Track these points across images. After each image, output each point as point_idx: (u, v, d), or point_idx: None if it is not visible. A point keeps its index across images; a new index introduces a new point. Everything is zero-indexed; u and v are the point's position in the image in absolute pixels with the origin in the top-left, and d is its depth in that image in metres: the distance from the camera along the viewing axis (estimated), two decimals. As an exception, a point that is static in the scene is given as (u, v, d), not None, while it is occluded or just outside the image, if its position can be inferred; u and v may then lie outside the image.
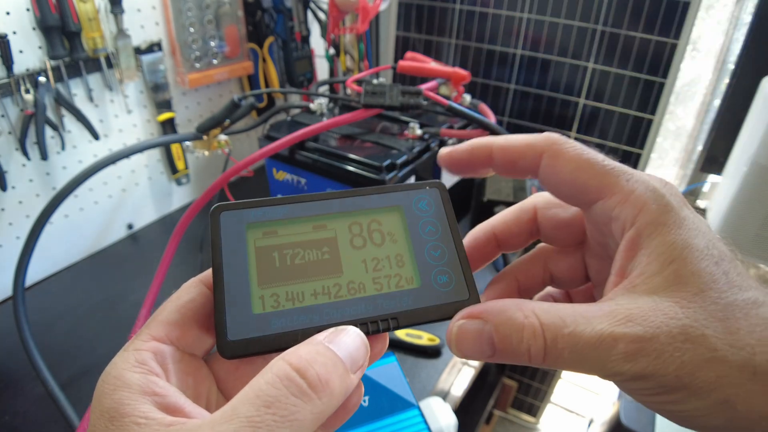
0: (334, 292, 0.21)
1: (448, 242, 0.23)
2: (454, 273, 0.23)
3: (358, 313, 0.21)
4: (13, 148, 0.64)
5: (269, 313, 0.21)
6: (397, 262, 0.23)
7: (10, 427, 0.52)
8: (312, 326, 0.20)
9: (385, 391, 0.42)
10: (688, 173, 1.03)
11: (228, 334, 0.20)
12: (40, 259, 0.71)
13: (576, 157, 0.21)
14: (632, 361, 0.18)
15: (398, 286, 0.22)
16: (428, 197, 0.24)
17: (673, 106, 1.00)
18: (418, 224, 0.23)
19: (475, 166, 0.24)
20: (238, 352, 0.20)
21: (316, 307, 0.21)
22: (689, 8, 0.78)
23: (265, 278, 0.21)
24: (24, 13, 0.61)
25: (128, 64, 0.72)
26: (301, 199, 0.23)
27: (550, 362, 0.19)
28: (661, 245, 0.19)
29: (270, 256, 0.22)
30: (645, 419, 0.84)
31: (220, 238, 0.21)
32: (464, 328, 0.20)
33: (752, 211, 0.67)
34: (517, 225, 0.26)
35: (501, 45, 0.96)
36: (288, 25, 0.88)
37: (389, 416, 0.40)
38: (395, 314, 0.21)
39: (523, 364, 0.19)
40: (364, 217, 0.23)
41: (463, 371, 0.77)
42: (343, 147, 0.71)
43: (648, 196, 0.20)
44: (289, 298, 0.21)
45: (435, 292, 0.22)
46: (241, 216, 0.22)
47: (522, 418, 1.47)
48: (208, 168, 0.92)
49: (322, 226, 0.23)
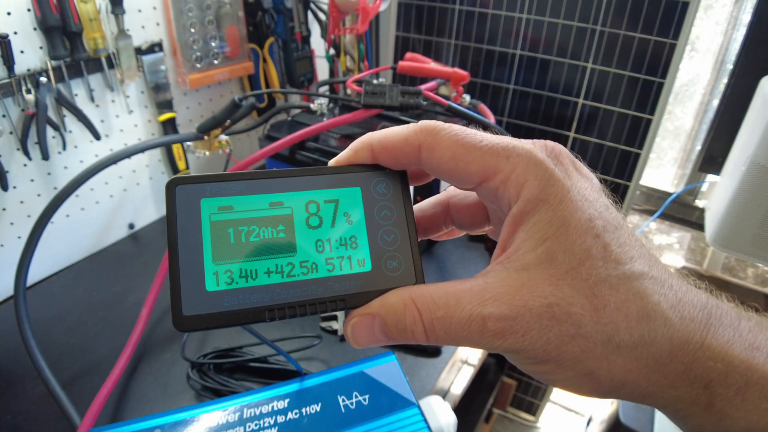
0: (287, 271, 0.22)
1: (402, 228, 0.23)
2: (404, 258, 0.23)
3: (307, 294, 0.22)
4: (15, 148, 0.64)
5: (222, 291, 0.21)
6: (351, 243, 0.23)
7: (12, 426, 0.52)
8: (262, 305, 0.21)
9: (385, 389, 0.42)
10: (686, 173, 1.03)
11: (183, 309, 0.20)
12: (42, 259, 0.72)
13: (452, 144, 0.21)
14: (502, 338, 0.19)
15: (350, 269, 0.22)
16: (387, 180, 0.24)
17: (672, 106, 1.00)
18: (375, 207, 0.23)
19: None
20: (192, 327, 0.20)
21: (268, 287, 0.21)
22: (688, 8, 0.79)
23: (220, 254, 0.21)
24: (25, 13, 0.61)
25: (129, 65, 0.72)
26: (259, 175, 0.23)
27: (432, 341, 0.21)
28: (538, 223, 0.20)
29: (225, 232, 0.22)
30: (644, 418, 0.85)
31: (175, 213, 0.21)
32: (357, 325, 0.22)
33: (751, 211, 0.68)
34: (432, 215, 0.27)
35: (500, 45, 0.97)
36: (288, 25, 0.89)
37: (389, 415, 0.40)
38: (343, 296, 0.22)
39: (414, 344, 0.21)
40: (321, 195, 0.23)
41: (462, 370, 0.77)
42: (343, 147, 0.70)
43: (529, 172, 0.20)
44: (243, 275, 0.21)
45: (384, 277, 0.23)
46: (196, 190, 0.22)
47: (521, 416, 1.47)
48: (208, 168, 0.92)
49: (279, 203, 0.22)
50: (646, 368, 0.19)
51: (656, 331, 0.19)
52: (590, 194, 0.20)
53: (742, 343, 0.19)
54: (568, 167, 0.21)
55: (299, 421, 0.40)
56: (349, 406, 0.40)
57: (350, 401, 0.41)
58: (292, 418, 0.40)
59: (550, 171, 0.20)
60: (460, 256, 0.78)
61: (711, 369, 0.18)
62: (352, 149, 0.24)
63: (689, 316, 0.19)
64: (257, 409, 0.41)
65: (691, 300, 0.20)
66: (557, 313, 0.19)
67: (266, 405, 0.41)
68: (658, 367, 0.19)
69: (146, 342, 0.62)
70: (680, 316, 0.19)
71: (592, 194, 0.21)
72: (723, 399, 0.18)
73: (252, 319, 0.21)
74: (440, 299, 0.20)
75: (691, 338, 0.19)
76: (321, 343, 0.61)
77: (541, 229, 0.20)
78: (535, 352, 0.19)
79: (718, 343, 0.19)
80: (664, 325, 0.19)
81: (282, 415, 0.40)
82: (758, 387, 0.18)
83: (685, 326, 0.19)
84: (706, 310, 0.19)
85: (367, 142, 0.23)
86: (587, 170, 0.22)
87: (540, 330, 0.19)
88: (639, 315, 0.19)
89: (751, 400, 0.18)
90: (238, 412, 0.40)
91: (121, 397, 0.55)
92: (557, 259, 0.19)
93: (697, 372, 0.19)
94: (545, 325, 0.19)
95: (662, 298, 0.19)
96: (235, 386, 0.54)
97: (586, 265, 0.19)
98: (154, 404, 0.54)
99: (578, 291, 0.19)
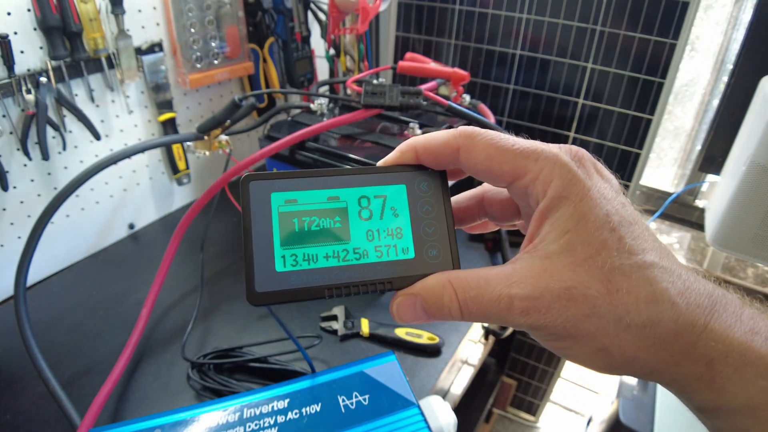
0: (342, 256, 0.25)
1: (441, 221, 0.27)
2: (443, 247, 0.26)
3: (359, 276, 0.25)
4: (15, 148, 0.64)
5: (289, 271, 0.24)
6: (396, 234, 0.26)
7: (12, 426, 0.52)
8: (322, 284, 0.24)
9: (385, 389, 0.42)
10: (686, 173, 1.03)
11: (255, 286, 0.23)
12: (42, 259, 0.72)
13: (487, 147, 0.24)
14: (527, 315, 0.22)
15: (396, 255, 0.26)
16: (429, 179, 0.27)
17: (672, 106, 1.00)
18: (418, 203, 0.26)
19: None
20: (263, 301, 0.24)
21: (327, 269, 0.25)
22: (688, 8, 0.79)
23: (287, 240, 0.24)
24: (25, 13, 0.61)
25: (129, 65, 0.72)
26: (319, 173, 0.26)
27: (466, 318, 0.23)
28: (561, 217, 0.22)
29: (291, 222, 0.25)
30: (644, 418, 0.85)
31: (249, 204, 0.24)
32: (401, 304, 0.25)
33: (751, 211, 0.68)
34: (467, 206, 0.30)
35: (500, 45, 0.97)
36: (288, 25, 0.89)
37: (389, 415, 0.40)
38: (390, 279, 0.25)
39: (449, 320, 0.24)
40: (372, 191, 0.26)
41: (462, 370, 0.77)
42: (343, 147, 0.71)
43: (555, 173, 0.23)
44: (306, 259, 0.24)
45: (425, 263, 0.26)
46: (267, 185, 0.25)
47: (521, 416, 1.47)
48: (209, 168, 0.92)
49: (336, 197, 0.26)
50: (654, 346, 0.21)
51: (663, 313, 0.21)
52: (609, 193, 0.23)
53: (743, 327, 0.21)
54: (590, 169, 0.24)
55: (299, 421, 0.40)
56: (349, 406, 0.40)
57: (350, 401, 0.41)
58: (292, 418, 0.40)
59: (573, 172, 0.23)
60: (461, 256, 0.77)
61: (712, 349, 0.21)
62: (398, 150, 0.27)
63: (695, 303, 0.21)
64: (257, 409, 0.41)
65: (697, 288, 0.22)
66: (575, 294, 0.21)
67: (266, 405, 0.41)
68: (665, 345, 0.21)
69: (146, 342, 0.62)
70: (686, 302, 0.21)
71: (610, 193, 0.23)
72: (723, 376, 0.21)
73: (314, 295, 0.24)
74: (473, 281, 0.23)
75: (696, 321, 0.21)
76: (321, 343, 0.61)
77: (564, 222, 0.22)
78: (555, 328, 0.22)
79: (720, 326, 0.21)
80: (670, 308, 0.21)
81: (282, 415, 0.40)
82: (754, 366, 0.20)
83: (691, 311, 0.21)
84: (711, 298, 0.21)
85: (412, 144, 0.26)
86: (607, 172, 0.25)
87: (559, 309, 0.21)
88: (648, 299, 0.21)
89: (748, 378, 0.20)
90: (238, 412, 0.40)
91: (121, 397, 0.55)
92: (576, 249, 0.22)
93: (700, 351, 0.21)
94: (564, 305, 0.21)
95: (670, 285, 0.21)
96: (235, 386, 0.54)
97: (602, 254, 0.21)
98: (154, 404, 0.54)
99: (594, 276, 0.21)
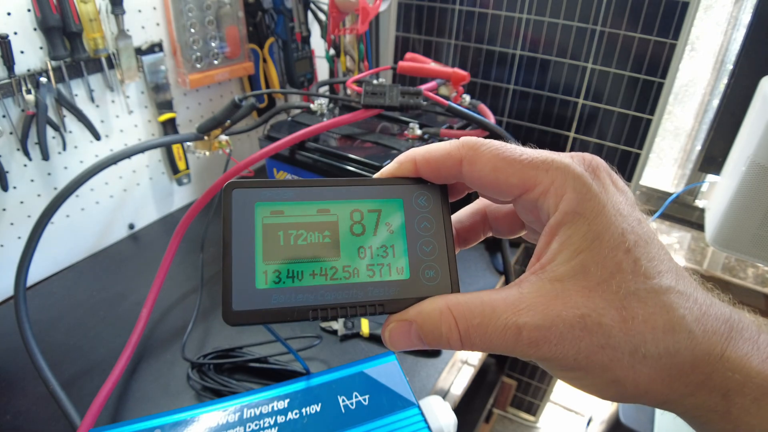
0: (330, 274, 0.23)
1: (440, 239, 0.24)
2: (441, 268, 0.24)
3: (348, 298, 0.23)
4: (15, 149, 0.64)
5: (270, 289, 0.22)
6: (391, 252, 0.24)
7: (12, 426, 0.52)
8: (307, 305, 0.22)
9: (385, 389, 0.42)
10: (686, 173, 1.03)
11: (233, 303, 0.21)
12: (42, 259, 0.72)
13: (492, 158, 0.22)
14: (536, 347, 0.20)
15: (389, 275, 0.24)
16: (428, 194, 0.25)
17: (672, 106, 1.00)
18: (415, 219, 0.24)
19: None
20: (240, 321, 0.21)
21: (312, 287, 0.23)
22: (688, 8, 0.79)
23: (270, 254, 0.22)
24: (25, 13, 0.61)
25: (129, 65, 0.72)
26: (309, 183, 0.24)
27: (467, 348, 0.21)
28: (574, 236, 0.20)
29: (275, 234, 0.23)
30: (644, 418, 0.85)
31: (231, 214, 0.22)
32: (394, 330, 0.23)
33: (751, 211, 0.68)
34: (471, 224, 0.28)
35: (500, 45, 0.97)
36: (288, 25, 0.89)
37: (389, 415, 0.40)
38: (382, 301, 0.23)
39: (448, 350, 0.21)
40: (365, 205, 0.24)
41: (462, 370, 0.77)
42: (343, 147, 0.71)
43: (568, 185, 0.21)
44: (290, 276, 0.22)
45: (421, 285, 0.24)
46: (251, 194, 0.23)
47: (521, 416, 1.47)
48: (209, 168, 0.92)
49: (326, 210, 0.24)
50: (669, 377, 0.20)
51: (680, 343, 0.19)
52: (625, 209, 0.21)
53: (760, 355, 0.20)
54: (605, 181, 0.22)
55: (299, 421, 0.40)
56: (349, 406, 0.40)
57: (350, 401, 0.41)
58: (292, 418, 0.40)
59: (588, 185, 0.21)
60: (460, 257, 0.77)
61: (729, 379, 0.19)
62: (397, 162, 0.25)
63: (712, 329, 0.20)
64: (257, 409, 0.41)
65: (714, 313, 0.20)
66: (588, 323, 0.20)
67: (266, 405, 0.41)
68: (681, 376, 0.20)
69: (146, 342, 0.62)
70: (703, 329, 0.20)
71: (626, 209, 0.21)
72: (740, 407, 0.19)
73: (297, 317, 0.22)
74: (476, 308, 0.21)
75: (713, 350, 0.20)
76: (321, 343, 0.61)
77: (576, 241, 0.20)
78: (566, 360, 0.20)
79: (737, 355, 0.20)
80: (687, 338, 0.20)
81: (282, 416, 0.40)
82: None
83: (708, 339, 0.20)
84: (728, 324, 0.20)
85: (411, 155, 0.24)
86: (623, 184, 0.23)
87: (572, 340, 0.20)
88: (665, 328, 0.20)
89: (766, 409, 0.19)
90: (238, 412, 0.40)
91: (121, 397, 0.55)
92: (590, 272, 0.20)
93: (716, 381, 0.20)
94: (577, 336, 0.20)
95: (687, 311, 0.20)
96: (235, 386, 0.54)
97: (617, 278, 0.20)
98: (154, 404, 0.54)
99: (609, 302, 0.20)
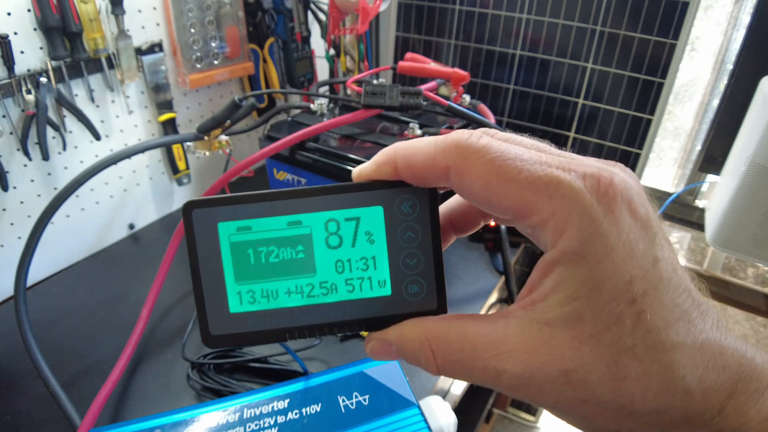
0: (306, 292, 0.22)
1: (426, 251, 0.22)
2: (426, 284, 0.22)
3: (326, 317, 0.22)
4: (15, 149, 0.64)
5: (245, 313, 0.22)
6: (372, 264, 0.22)
7: (12, 426, 0.52)
8: (283, 327, 0.22)
9: (385, 390, 0.42)
10: (686, 173, 1.03)
11: (210, 328, 0.22)
12: (42, 259, 0.72)
13: (485, 172, 0.19)
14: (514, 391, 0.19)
15: (369, 291, 0.22)
16: (413, 199, 0.22)
17: (672, 106, 1.00)
18: (398, 228, 0.22)
19: None
20: (220, 345, 0.22)
21: (288, 309, 0.22)
22: (688, 8, 0.79)
23: (241, 274, 0.22)
24: (25, 13, 0.61)
25: (129, 65, 0.72)
26: (275, 196, 0.21)
27: (446, 376, 0.21)
28: (570, 279, 0.18)
29: (245, 253, 0.21)
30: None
31: (194, 236, 0.21)
32: (375, 348, 0.22)
33: (751, 211, 0.68)
34: (467, 211, 0.25)
35: (500, 45, 0.97)
36: (288, 25, 0.89)
37: (389, 415, 0.40)
38: (362, 320, 0.22)
39: None
40: (341, 214, 0.22)
41: (462, 370, 0.77)
42: (343, 147, 0.71)
43: (572, 221, 0.18)
44: (264, 295, 0.22)
45: (404, 302, 0.22)
46: (212, 213, 0.21)
47: (521, 416, 1.47)
48: (209, 168, 0.92)
49: (297, 222, 0.22)
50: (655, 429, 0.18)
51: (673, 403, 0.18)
52: (639, 247, 0.18)
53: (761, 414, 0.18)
54: (620, 215, 0.18)
55: (299, 421, 0.39)
56: (349, 406, 0.40)
57: (350, 401, 0.41)
58: (292, 418, 0.40)
59: (596, 223, 0.18)
60: (460, 257, 0.78)
61: None
62: (375, 163, 0.22)
63: (714, 386, 0.18)
64: (257, 409, 0.41)
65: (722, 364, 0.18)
66: (572, 379, 0.18)
67: (266, 405, 0.41)
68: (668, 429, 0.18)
69: (146, 342, 0.62)
70: (704, 387, 0.18)
71: (641, 247, 0.18)
72: None
73: (274, 339, 0.22)
74: (456, 343, 0.20)
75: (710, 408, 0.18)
76: (321, 343, 0.61)
77: (573, 285, 0.18)
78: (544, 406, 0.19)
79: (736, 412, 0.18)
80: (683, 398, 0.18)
81: (282, 416, 0.40)
82: None
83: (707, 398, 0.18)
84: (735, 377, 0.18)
85: (392, 157, 0.21)
86: (645, 210, 0.19)
87: (552, 392, 0.19)
88: (659, 389, 0.18)
89: None
90: (238, 412, 0.40)
91: (121, 397, 0.55)
92: (584, 321, 0.18)
93: None
94: (558, 389, 0.18)
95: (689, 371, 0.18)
96: (235, 386, 0.54)
97: (613, 330, 0.18)
98: (154, 404, 0.54)
99: (599, 358, 0.18)
